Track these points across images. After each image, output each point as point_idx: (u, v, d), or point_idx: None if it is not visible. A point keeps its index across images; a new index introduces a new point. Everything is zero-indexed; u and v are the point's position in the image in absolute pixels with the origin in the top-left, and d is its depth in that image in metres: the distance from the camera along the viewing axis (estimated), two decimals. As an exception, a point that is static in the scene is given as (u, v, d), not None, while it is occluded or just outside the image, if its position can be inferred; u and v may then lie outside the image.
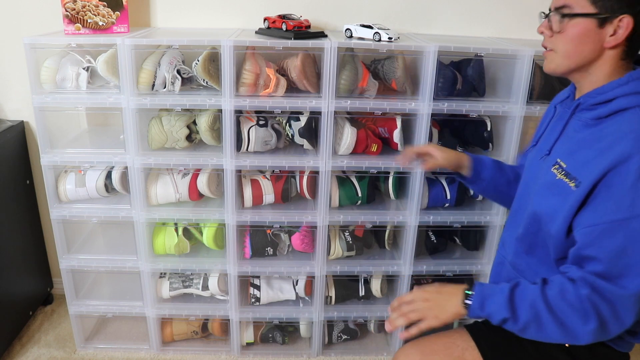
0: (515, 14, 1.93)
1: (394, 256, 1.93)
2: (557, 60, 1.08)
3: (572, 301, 0.98)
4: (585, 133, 1.05)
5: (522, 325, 1.03)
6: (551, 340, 1.03)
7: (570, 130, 1.10)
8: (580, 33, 1.03)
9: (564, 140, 1.11)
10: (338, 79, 1.63)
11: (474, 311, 1.07)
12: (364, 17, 1.91)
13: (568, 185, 1.03)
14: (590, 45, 1.03)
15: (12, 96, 1.99)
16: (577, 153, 1.05)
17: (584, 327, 0.98)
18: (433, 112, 1.66)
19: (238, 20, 1.92)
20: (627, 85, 1.01)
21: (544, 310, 1.00)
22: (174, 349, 1.98)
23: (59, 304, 2.20)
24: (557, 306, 1.00)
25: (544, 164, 1.14)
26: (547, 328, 1.01)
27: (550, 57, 1.09)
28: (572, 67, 1.07)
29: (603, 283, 0.97)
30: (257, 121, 1.73)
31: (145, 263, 1.83)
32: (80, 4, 1.65)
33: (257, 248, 1.87)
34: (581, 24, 1.02)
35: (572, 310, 0.98)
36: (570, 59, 1.06)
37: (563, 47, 1.06)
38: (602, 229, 0.97)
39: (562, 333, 1.00)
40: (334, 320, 1.98)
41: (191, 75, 1.70)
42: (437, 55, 1.59)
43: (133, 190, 1.74)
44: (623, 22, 0.99)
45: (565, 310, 0.99)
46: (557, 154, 1.10)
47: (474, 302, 1.07)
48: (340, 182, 1.81)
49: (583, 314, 0.98)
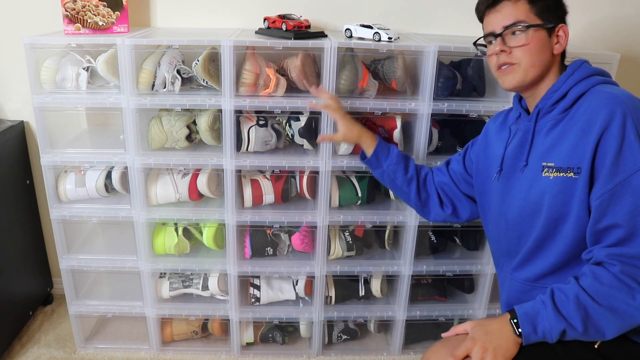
0: (515, 14, 1.93)
1: (394, 256, 1.93)
2: (521, 72, 1.16)
3: (611, 282, 0.98)
4: (557, 128, 1.13)
5: (581, 329, 1.01)
6: (612, 332, 1.01)
7: (539, 136, 1.17)
8: (540, 43, 1.15)
9: (538, 146, 1.17)
10: (338, 79, 1.63)
11: (529, 337, 1.05)
12: (364, 17, 1.91)
13: (568, 177, 1.07)
14: (546, 53, 1.15)
15: (12, 96, 1.99)
16: (559, 147, 1.10)
17: (633, 302, 0.98)
18: (433, 112, 1.66)
19: (238, 20, 1.92)
20: (573, 76, 1.13)
21: (591, 304, 1.00)
22: (174, 349, 1.98)
23: (59, 304, 2.20)
24: (600, 294, 1.00)
25: (528, 174, 1.17)
26: (601, 320, 1.00)
27: (513, 71, 1.17)
28: (535, 76, 1.16)
29: (628, 250, 0.98)
30: (257, 121, 1.73)
31: (145, 263, 1.83)
32: (80, 4, 1.65)
33: (257, 248, 1.87)
34: (539, 34, 1.14)
35: (615, 292, 0.98)
36: (535, 68, 1.16)
37: (528, 59, 1.15)
38: (609, 195, 1.00)
39: (617, 319, 0.99)
40: (334, 320, 1.98)
41: (191, 75, 1.70)
42: (437, 55, 1.59)
43: (133, 190, 1.74)
44: (564, 31, 1.16)
45: (609, 295, 0.99)
46: (537, 159, 1.15)
47: (525, 329, 1.05)
48: (340, 182, 1.81)
49: (626, 290, 0.98)
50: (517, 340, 1.06)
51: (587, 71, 1.14)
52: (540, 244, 1.17)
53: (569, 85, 1.13)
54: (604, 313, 1.00)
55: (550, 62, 1.17)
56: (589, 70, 1.14)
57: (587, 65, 1.16)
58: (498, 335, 1.07)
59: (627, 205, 0.98)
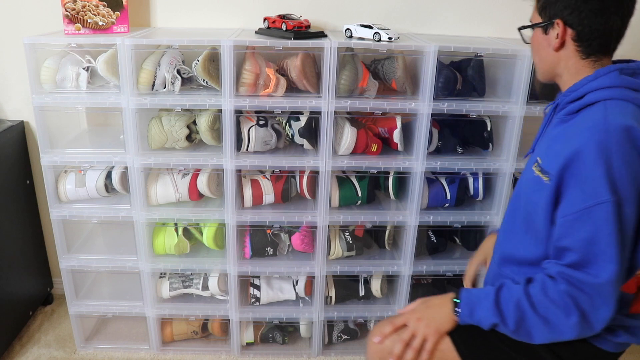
0: (515, 14, 1.93)
1: (394, 256, 1.93)
2: (538, 69, 1.20)
3: (553, 297, 1.02)
4: (558, 129, 1.12)
5: (512, 327, 1.06)
6: (540, 339, 1.05)
7: (549, 128, 1.18)
8: (535, 42, 1.16)
9: (543, 139, 1.18)
10: (338, 79, 1.63)
11: (464, 319, 1.12)
12: (364, 17, 1.91)
13: (543, 180, 1.08)
14: (545, 50, 1.14)
15: (12, 96, 1.99)
16: (550, 148, 1.11)
17: (566, 321, 1.01)
18: (433, 112, 1.66)
19: (238, 20, 1.92)
20: (595, 81, 1.07)
21: (529, 310, 1.04)
22: (174, 349, 1.98)
23: (59, 304, 2.20)
24: (540, 303, 1.03)
25: (529, 162, 1.19)
26: (533, 327, 1.05)
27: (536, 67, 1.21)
28: (545, 73, 1.18)
29: (578, 274, 1.00)
30: (257, 121, 1.73)
31: (145, 263, 1.83)
32: (80, 4, 1.65)
33: (257, 248, 1.87)
34: (535, 33, 1.15)
35: (554, 307, 1.02)
36: (539, 65, 1.18)
37: (534, 57, 1.20)
38: (573, 218, 1.01)
39: (548, 330, 1.04)
40: (334, 320, 1.98)
41: (191, 75, 1.70)
42: (437, 55, 1.59)
43: (133, 190, 1.74)
44: (558, 25, 1.09)
45: (548, 307, 1.02)
46: (537, 152, 1.17)
47: (463, 310, 1.11)
48: (340, 182, 1.81)
49: (564, 308, 1.01)
50: (454, 318, 1.13)
51: (612, 80, 1.06)
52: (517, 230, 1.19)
53: (587, 89, 1.07)
54: (537, 322, 1.04)
55: (554, 59, 1.13)
56: (615, 81, 1.05)
57: (616, 74, 1.06)
58: (436, 310, 1.15)
59: (585, 233, 0.99)
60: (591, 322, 1.01)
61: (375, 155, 1.76)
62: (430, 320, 1.15)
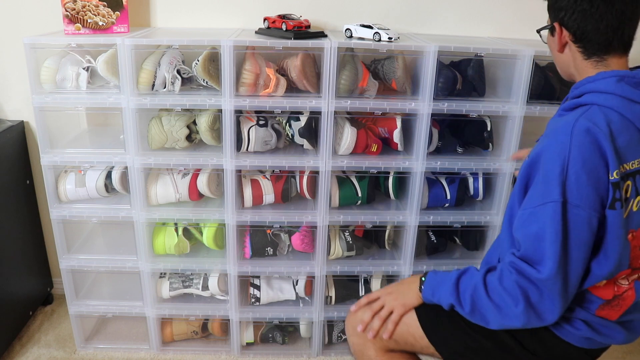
0: (515, 14, 1.93)
1: (394, 256, 1.93)
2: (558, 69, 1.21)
3: (506, 285, 1.07)
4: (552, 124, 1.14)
5: (468, 309, 1.12)
6: (495, 325, 1.10)
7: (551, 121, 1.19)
8: (548, 43, 1.20)
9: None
10: (338, 79, 1.63)
11: (426, 297, 1.22)
12: (364, 17, 1.91)
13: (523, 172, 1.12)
14: (554, 51, 1.17)
15: (12, 96, 1.99)
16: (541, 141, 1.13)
17: (514, 309, 1.05)
18: (433, 112, 1.66)
19: (238, 20, 1.92)
20: (593, 83, 1.09)
21: (483, 295, 1.09)
22: (174, 349, 1.98)
23: (59, 304, 2.20)
24: (494, 290, 1.09)
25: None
26: (487, 312, 1.10)
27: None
28: (562, 72, 1.20)
29: (526, 267, 1.04)
30: (257, 121, 1.73)
31: (145, 263, 1.83)
32: (80, 4, 1.65)
33: (257, 248, 1.87)
34: (548, 36, 1.18)
35: (505, 294, 1.06)
36: (557, 66, 1.21)
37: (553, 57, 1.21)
38: (528, 213, 1.05)
39: (500, 316, 1.08)
40: (334, 320, 1.98)
41: (191, 75, 1.70)
42: (437, 55, 1.59)
43: (133, 190, 1.74)
44: (557, 27, 1.12)
45: (501, 294, 1.07)
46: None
47: (426, 290, 1.22)
48: (340, 182, 1.81)
49: (513, 297, 1.05)
50: (419, 295, 1.24)
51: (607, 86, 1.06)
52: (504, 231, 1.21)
53: (585, 90, 1.09)
54: (490, 307, 1.09)
55: (564, 59, 1.15)
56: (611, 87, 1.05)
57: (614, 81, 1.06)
58: (406, 287, 1.28)
59: (534, 229, 1.04)
60: (539, 313, 1.05)
61: (375, 155, 1.76)
62: (399, 295, 1.27)
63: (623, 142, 1.02)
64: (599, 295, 1.11)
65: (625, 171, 1.03)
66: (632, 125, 1.04)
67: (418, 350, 1.30)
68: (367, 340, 1.30)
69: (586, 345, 1.16)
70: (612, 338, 1.15)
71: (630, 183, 1.04)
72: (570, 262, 1.02)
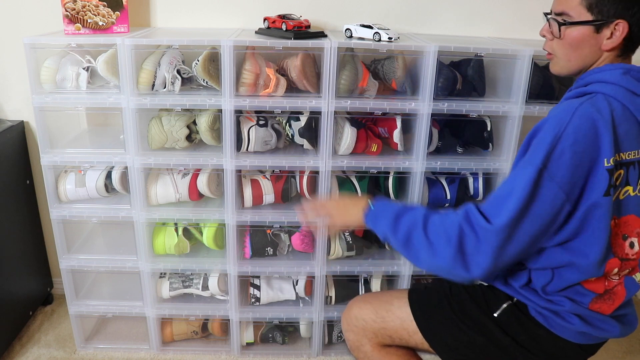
0: (515, 14, 1.93)
1: (394, 256, 1.93)
2: (560, 63, 1.16)
3: (446, 224, 1.07)
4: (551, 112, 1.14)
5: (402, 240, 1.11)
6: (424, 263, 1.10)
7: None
8: (578, 39, 1.10)
9: None
10: (338, 79, 1.63)
11: (367, 222, 1.20)
12: (364, 17, 1.91)
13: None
14: (588, 48, 1.10)
15: (12, 96, 1.99)
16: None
17: (445, 248, 1.05)
18: (433, 112, 1.66)
19: (238, 20, 1.92)
20: (599, 74, 1.09)
21: (420, 229, 1.09)
22: (174, 349, 1.98)
23: (59, 304, 2.20)
24: (433, 226, 1.08)
25: None
26: (419, 246, 1.09)
27: (552, 60, 1.18)
28: (574, 69, 1.15)
29: (477, 215, 1.05)
30: (257, 121, 1.73)
31: (145, 263, 1.83)
32: (80, 4, 1.65)
33: (257, 248, 1.87)
34: (579, 30, 1.09)
35: (442, 231, 1.07)
36: (571, 62, 1.14)
37: (563, 52, 1.14)
38: (511, 172, 1.09)
39: (429, 253, 1.07)
40: (334, 320, 1.98)
41: (191, 75, 1.70)
42: (437, 55, 1.59)
43: (133, 190, 1.74)
44: (619, 27, 1.06)
45: (437, 231, 1.07)
46: None
47: (369, 215, 1.20)
48: (340, 182, 1.81)
49: (448, 236, 1.05)
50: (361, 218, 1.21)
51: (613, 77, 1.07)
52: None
53: (591, 79, 1.10)
54: (423, 242, 1.08)
55: (594, 57, 1.11)
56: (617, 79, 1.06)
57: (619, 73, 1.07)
58: (353, 203, 1.25)
59: (507, 188, 1.05)
60: (467, 263, 1.04)
61: (375, 155, 1.76)
62: (344, 209, 1.26)
63: (622, 131, 1.04)
64: (591, 289, 1.11)
65: (620, 160, 1.04)
66: (633, 117, 1.06)
67: (412, 345, 1.31)
68: (363, 336, 1.32)
69: (581, 341, 1.16)
70: (607, 332, 1.15)
71: (623, 172, 1.05)
72: (520, 228, 1.02)
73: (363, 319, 1.33)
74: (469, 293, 1.26)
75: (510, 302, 1.20)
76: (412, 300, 1.30)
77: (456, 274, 1.07)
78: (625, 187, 1.07)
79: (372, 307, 1.34)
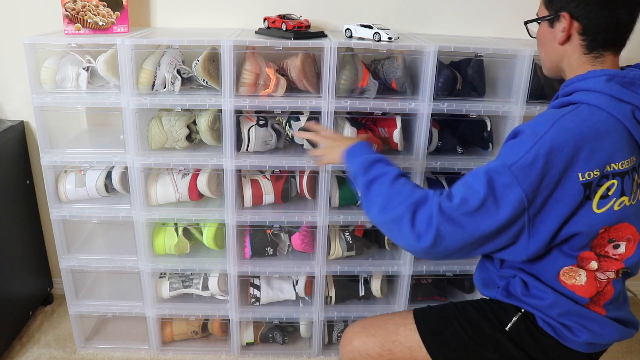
0: (515, 14, 1.93)
1: (394, 256, 1.93)
2: (542, 64, 1.20)
3: (415, 188, 1.08)
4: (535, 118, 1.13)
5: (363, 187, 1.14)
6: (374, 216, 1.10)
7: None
8: (540, 36, 1.16)
9: None
10: (338, 79, 1.63)
11: (345, 159, 1.25)
12: (364, 17, 1.91)
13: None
14: (549, 44, 1.14)
15: (12, 96, 1.99)
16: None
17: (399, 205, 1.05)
18: (433, 112, 1.66)
19: (238, 20, 1.92)
20: (584, 82, 1.07)
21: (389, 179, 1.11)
22: (174, 349, 1.98)
23: (59, 304, 2.20)
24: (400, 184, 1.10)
25: None
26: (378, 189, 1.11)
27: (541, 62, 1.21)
28: (550, 68, 1.18)
29: (445, 193, 1.05)
30: (257, 121, 1.73)
31: (145, 263, 1.83)
32: (80, 4, 1.65)
33: (257, 248, 1.87)
34: (541, 28, 1.15)
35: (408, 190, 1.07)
36: (545, 60, 1.18)
37: (540, 51, 1.19)
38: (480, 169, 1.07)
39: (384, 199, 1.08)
40: (334, 320, 1.98)
41: (191, 75, 1.70)
42: (437, 55, 1.59)
43: (133, 190, 1.74)
44: (563, 19, 1.08)
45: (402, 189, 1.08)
46: None
47: (350, 149, 1.24)
48: (340, 182, 1.81)
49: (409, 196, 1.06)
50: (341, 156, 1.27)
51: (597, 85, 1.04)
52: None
53: (575, 88, 1.08)
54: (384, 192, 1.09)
55: (558, 53, 1.12)
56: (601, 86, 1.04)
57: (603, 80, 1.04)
58: (342, 143, 1.29)
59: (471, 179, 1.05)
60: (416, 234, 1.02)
61: (375, 155, 1.76)
62: (333, 145, 1.32)
63: (611, 142, 1.00)
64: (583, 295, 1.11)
65: (612, 170, 1.01)
66: (621, 125, 1.02)
67: None
68: None
69: (593, 350, 1.16)
70: (612, 337, 1.14)
71: (617, 182, 1.02)
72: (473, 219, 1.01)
73: (368, 353, 1.25)
74: (476, 309, 1.22)
75: (520, 313, 1.17)
76: (420, 326, 1.24)
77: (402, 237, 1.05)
78: (621, 198, 1.04)
79: (376, 340, 1.25)
